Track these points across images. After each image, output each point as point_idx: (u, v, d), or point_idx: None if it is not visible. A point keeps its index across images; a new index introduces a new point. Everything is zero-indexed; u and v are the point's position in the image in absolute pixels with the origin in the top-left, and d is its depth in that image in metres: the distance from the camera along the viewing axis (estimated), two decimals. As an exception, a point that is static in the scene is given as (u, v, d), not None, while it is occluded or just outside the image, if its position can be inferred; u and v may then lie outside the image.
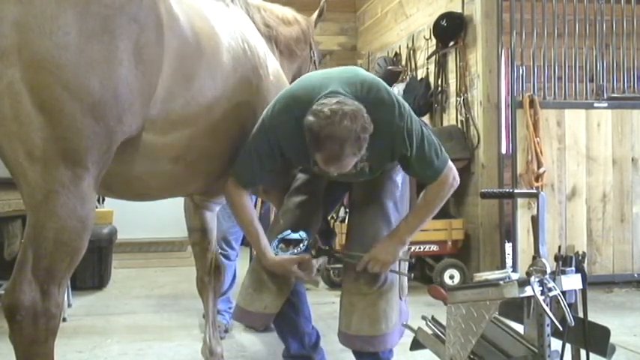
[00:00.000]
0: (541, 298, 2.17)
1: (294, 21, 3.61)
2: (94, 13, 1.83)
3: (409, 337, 2.64)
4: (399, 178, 2.80)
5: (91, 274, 5.57)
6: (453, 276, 5.23)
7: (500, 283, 2.21)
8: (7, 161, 1.85)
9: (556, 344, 2.36)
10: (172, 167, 2.38)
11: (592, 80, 5.66)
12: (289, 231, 2.64)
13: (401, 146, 2.44)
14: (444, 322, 2.40)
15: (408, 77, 6.68)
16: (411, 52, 6.74)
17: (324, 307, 4.58)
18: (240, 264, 4.34)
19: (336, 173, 2.41)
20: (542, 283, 2.20)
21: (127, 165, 2.18)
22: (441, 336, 2.44)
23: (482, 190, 3.11)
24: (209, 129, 2.42)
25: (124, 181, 2.30)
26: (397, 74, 6.74)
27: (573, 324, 2.22)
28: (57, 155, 1.81)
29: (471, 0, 5.61)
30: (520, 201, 5.16)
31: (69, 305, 4.72)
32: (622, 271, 5.50)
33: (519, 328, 2.48)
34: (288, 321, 2.82)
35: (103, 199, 5.58)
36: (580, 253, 2.38)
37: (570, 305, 2.29)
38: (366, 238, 2.67)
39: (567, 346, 2.40)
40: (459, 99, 5.72)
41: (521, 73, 5.43)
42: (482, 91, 5.44)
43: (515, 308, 2.45)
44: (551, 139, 5.37)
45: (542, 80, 5.50)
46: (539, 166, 5.20)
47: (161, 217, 7.09)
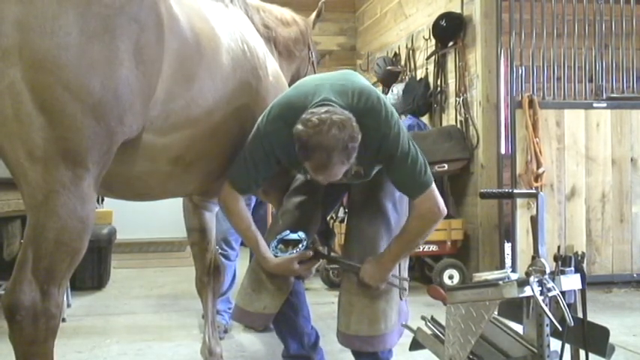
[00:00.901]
0: (540, 298, 2.18)
1: (293, 22, 3.62)
2: (94, 13, 1.84)
3: (408, 337, 2.64)
4: (398, 179, 2.80)
5: (91, 275, 5.55)
6: (452, 276, 5.22)
7: (500, 283, 2.21)
8: (8, 161, 1.86)
9: (555, 344, 2.36)
10: (172, 167, 2.38)
11: (591, 80, 5.66)
12: (288, 231, 2.65)
13: (388, 148, 2.44)
14: (443, 323, 2.40)
15: (407, 77, 6.66)
16: (411, 52, 6.73)
17: (324, 307, 4.58)
18: (240, 264, 4.34)
19: (326, 182, 2.43)
20: (541, 283, 2.21)
21: (127, 165, 2.19)
22: (441, 336, 2.44)
23: (482, 190, 3.11)
24: (209, 130, 2.43)
25: (124, 181, 2.31)
26: (396, 74, 6.73)
27: (572, 324, 2.22)
28: (57, 155, 1.81)
29: (470, 0, 5.61)
30: (519, 201, 5.16)
31: (68, 305, 4.71)
32: (621, 271, 5.49)
33: (519, 328, 2.48)
34: (288, 321, 2.82)
35: (103, 199, 5.56)
36: (579, 253, 2.39)
37: (569, 305, 2.30)
38: (365, 239, 2.68)
39: (566, 346, 2.40)
40: (458, 99, 5.72)
41: (520, 73, 5.43)
42: (481, 92, 5.43)
43: (514, 308, 2.45)
44: (550, 139, 5.36)
45: (542, 80, 5.49)
46: (539, 166, 5.20)
47: (160, 217, 7.10)
